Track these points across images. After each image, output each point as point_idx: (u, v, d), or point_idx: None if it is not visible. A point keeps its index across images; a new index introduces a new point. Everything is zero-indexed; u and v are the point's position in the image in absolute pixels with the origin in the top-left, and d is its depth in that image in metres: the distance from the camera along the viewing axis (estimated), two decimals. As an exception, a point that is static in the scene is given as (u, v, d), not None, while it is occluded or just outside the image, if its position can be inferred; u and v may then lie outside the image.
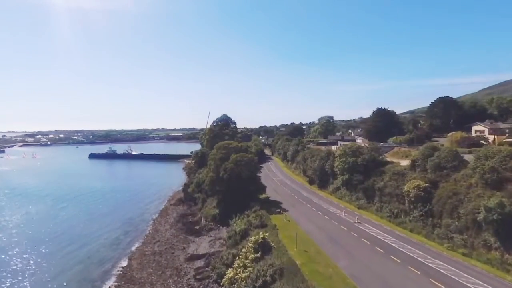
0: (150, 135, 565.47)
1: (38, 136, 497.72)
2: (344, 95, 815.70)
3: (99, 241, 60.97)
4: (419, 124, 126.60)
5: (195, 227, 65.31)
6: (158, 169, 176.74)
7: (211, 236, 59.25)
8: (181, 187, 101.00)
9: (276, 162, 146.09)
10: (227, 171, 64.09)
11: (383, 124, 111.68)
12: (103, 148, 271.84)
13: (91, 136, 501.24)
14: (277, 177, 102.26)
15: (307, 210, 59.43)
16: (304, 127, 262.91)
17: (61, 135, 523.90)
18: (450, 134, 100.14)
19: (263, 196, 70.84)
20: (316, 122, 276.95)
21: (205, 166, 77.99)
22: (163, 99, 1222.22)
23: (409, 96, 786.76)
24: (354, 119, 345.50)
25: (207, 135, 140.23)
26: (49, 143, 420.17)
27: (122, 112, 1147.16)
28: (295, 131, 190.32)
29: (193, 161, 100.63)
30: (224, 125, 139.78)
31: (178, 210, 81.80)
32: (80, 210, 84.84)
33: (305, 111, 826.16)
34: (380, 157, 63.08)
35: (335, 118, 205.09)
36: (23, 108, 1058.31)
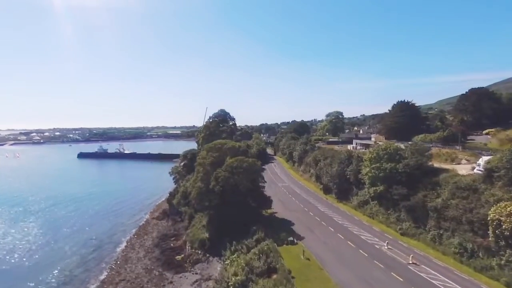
0: (149, 133, 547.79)
1: (32, 134, 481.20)
2: (344, 93, 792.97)
3: (44, 280, 44.43)
4: (445, 120, 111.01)
5: (177, 256, 48.53)
6: (150, 170, 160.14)
7: (196, 273, 42.70)
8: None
9: (280, 163, 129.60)
10: (219, 181, 47.43)
11: (406, 120, 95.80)
12: (96, 147, 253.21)
13: (87, 134, 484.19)
14: (283, 183, 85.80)
15: (331, 237, 42.66)
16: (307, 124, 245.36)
17: (57, 133, 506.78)
18: (486, 131, 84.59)
19: (268, 211, 54.72)
20: (319, 119, 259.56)
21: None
22: (164, 97, 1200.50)
23: (410, 95, 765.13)
24: (357, 117, 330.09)
25: (202, 132, 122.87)
26: (42, 141, 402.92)
27: (122, 110, 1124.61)
28: (301, 128, 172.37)
29: (181, 164, 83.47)
30: (221, 121, 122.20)
31: (160, 227, 65.11)
32: (41, 227, 67.99)
33: (306, 109, 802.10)
34: (429, 162, 46.17)
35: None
36: (24, 107, 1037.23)
